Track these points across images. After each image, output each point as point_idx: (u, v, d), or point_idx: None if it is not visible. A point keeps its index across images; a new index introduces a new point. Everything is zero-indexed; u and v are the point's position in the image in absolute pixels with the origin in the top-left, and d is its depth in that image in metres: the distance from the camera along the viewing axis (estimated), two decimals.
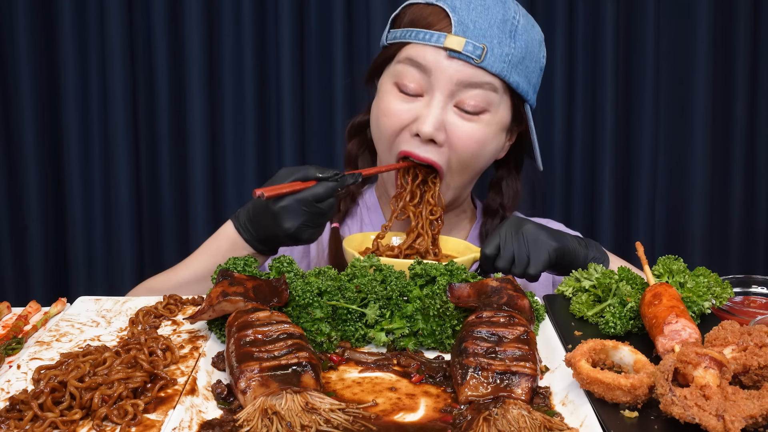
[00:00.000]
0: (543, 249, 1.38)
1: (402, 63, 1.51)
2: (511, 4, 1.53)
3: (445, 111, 1.49)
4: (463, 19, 1.47)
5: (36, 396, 0.92)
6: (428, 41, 1.48)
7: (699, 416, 0.84)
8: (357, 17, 2.42)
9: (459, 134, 1.50)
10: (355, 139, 1.71)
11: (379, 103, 1.56)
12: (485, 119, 1.51)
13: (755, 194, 2.56)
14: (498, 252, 1.40)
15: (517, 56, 1.50)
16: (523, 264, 1.38)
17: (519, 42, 1.50)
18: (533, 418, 0.90)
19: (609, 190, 2.46)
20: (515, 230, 1.41)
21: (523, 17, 1.54)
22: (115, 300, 1.33)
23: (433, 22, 1.50)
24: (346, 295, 1.16)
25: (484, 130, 1.52)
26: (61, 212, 2.50)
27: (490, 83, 1.49)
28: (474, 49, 1.46)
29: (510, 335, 1.03)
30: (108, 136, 2.42)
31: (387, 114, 1.53)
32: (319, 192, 1.35)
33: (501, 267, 1.39)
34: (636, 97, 2.47)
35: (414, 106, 1.51)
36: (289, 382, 0.94)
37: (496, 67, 1.48)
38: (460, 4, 1.49)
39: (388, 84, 1.55)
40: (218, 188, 2.49)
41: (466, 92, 1.48)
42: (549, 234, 1.41)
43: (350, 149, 1.72)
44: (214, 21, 2.41)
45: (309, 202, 1.34)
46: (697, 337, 1.03)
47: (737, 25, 2.45)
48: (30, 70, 2.40)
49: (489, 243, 1.40)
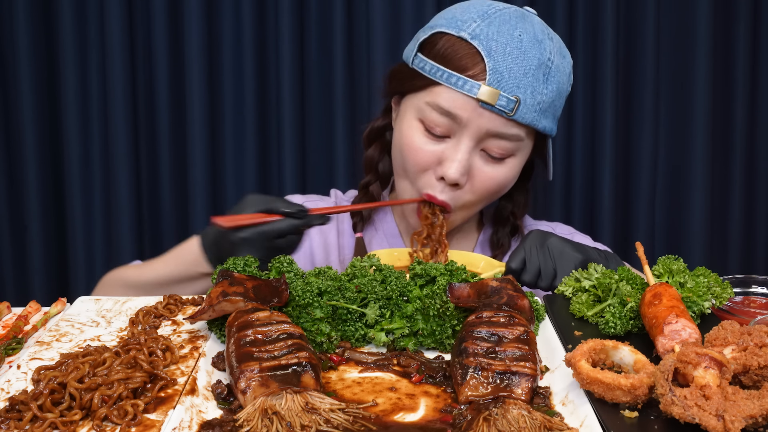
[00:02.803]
0: (569, 262, 1.37)
1: (430, 106, 1.47)
2: (547, 44, 1.47)
3: (471, 156, 1.48)
4: (498, 66, 1.42)
5: (35, 397, 0.92)
6: (460, 88, 1.43)
7: (699, 416, 0.84)
8: (357, 17, 2.42)
9: (482, 177, 1.50)
10: (376, 143, 1.68)
11: (403, 135, 1.52)
12: (510, 163, 1.51)
13: (755, 194, 2.56)
14: (523, 266, 1.39)
15: (548, 101, 1.47)
16: (550, 277, 1.38)
17: (551, 85, 1.47)
18: (533, 418, 0.90)
19: (609, 190, 2.46)
20: (540, 244, 1.40)
21: (557, 54, 1.49)
22: (115, 300, 1.33)
23: (467, 65, 1.44)
24: (346, 295, 1.16)
25: (506, 173, 1.51)
26: (61, 212, 2.50)
27: (518, 134, 1.47)
28: (507, 103, 1.42)
29: (510, 335, 1.03)
30: (108, 136, 2.42)
31: (411, 151, 1.50)
32: (282, 228, 1.34)
33: (527, 281, 1.38)
34: (636, 97, 2.47)
35: (440, 148, 1.48)
36: (289, 382, 0.94)
37: (527, 118, 1.45)
38: (496, 48, 1.43)
39: (413, 119, 1.50)
40: (218, 188, 2.49)
41: (494, 141, 1.47)
42: (573, 247, 1.41)
43: (371, 155, 1.68)
44: (214, 21, 2.41)
45: (270, 237, 1.33)
46: (697, 337, 1.03)
47: (737, 25, 2.44)
48: (30, 70, 2.40)
49: (514, 257, 1.39)
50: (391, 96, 1.61)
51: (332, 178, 2.47)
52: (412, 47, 1.54)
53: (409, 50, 1.56)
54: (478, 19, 1.47)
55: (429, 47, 1.50)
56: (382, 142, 1.68)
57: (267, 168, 2.50)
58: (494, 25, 1.45)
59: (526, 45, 1.44)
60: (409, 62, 1.54)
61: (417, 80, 1.50)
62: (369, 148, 1.69)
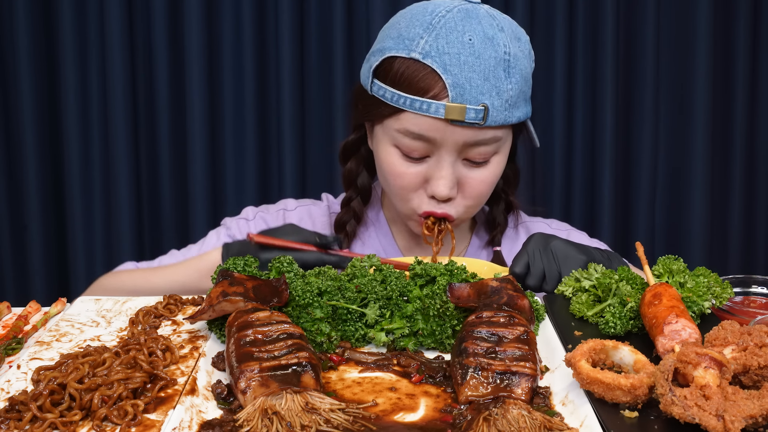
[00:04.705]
0: (574, 264, 1.36)
1: (401, 133, 1.44)
2: (499, 38, 1.42)
3: (456, 168, 1.46)
4: (457, 80, 1.39)
5: (35, 397, 0.92)
6: (426, 112, 1.40)
7: (699, 416, 0.84)
8: (357, 17, 2.42)
9: (472, 184, 1.49)
10: (352, 158, 1.65)
11: (382, 162, 1.50)
12: (494, 161, 1.50)
13: (755, 194, 2.56)
14: (527, 270, 1.37)
15: (515, 93, 1.44)
16: (555, 280, 1.36)
17: (515, 77, 1.43)
18: (533, 418, 0.90)
19: (609, 190, 2.46)
20: (543, 247, 1.39)
21: (512, 42, 1.44)
22: (115, 300, 1.33)
23: (427, 87, 1.40)
24: (346, 295, 1.16)
25: (495, 171, 1.50)
26: (61, 212, 2.50)
27: (495, 136, 1.45)
28: (476, 114, 1.40)
29: (510, 335, 1.03)
30: (108, 136, 2.43)
31: (395, 176, 1.48)
32: (310, 260, 1.35)
33: (531, 285, 1.37)
34: (636, 97, 2.48)
35: (422, 168, 1.46)
36: (289, 382, 0.94)
37: (499, 119, 1.42)
38: (450, 61, 1.39)
39: (388, 145, 1.48)
40: (218, 188, 2.49)
41: (473, 149, 1.45)
42: (577, 249, 1.40)
43: (350, 168, 1.65)
44: (214, 21, 2.41)
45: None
46: (697, 337, 1.03)
47: (737, 25, 2.45)
48: (30, 70, 2.40)
49: (518, 262, 1.38)
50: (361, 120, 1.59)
51: (332, 178, 2.47)
52: (366, 73, 1.51)
53: (364, 76, 1.52)
54: (425, 33, 1.42)
55: (384, 73, 1.46)
56: (357, 156, 1.64)
57: (267, 168, 2.50)
58: (442, 37, 1.41)
59: (479, 48, 1.40)
60: (367, 88, 1.50)
61: (382, 108, 1.47)
62: (346, 163, 1.66)
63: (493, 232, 1.70)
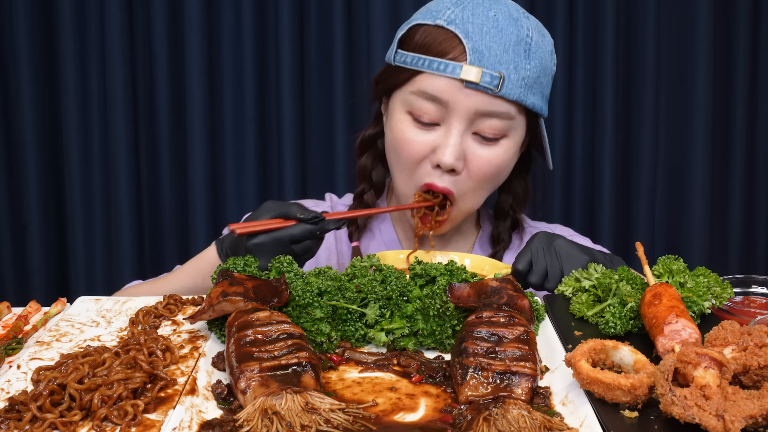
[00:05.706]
0: (576, 263, 1.36)
1: (415, 94, 1.47)
2: (523, 21, 1.48)
3: (464, 139, 1.47)
4: (477, 46, 1.43)
5: (35, 397, 0.92)
6: (443, 72, 1.44)
7: (699, 416, 0.84)
8: (357, 17, 2.42)
9: (478, 161, 1.49)
10: (368, 152, 1.68)
11: (394, 131, 1.52)
12: (504, 144, 1.50)
13: (755, 194, 2.56)
14: (530, 268, 1.38)
15: (533, 77, 1.47)
16: (557, 279, 1.37)
17: (534, 61, 1.47)
18: (533, 418, 0.90)
19: (609, 190, 2.46)
20: (547, 245, 1.39)
21: (535, 31, 1.50)
22: (115, 300, 1.33)
23: (446, 49, 1.45)
24: (346, 295, 1.16)
25: (502, 155, 1.51)
26: (61, 212, 2.50)
27: (508, 111, 1.47)
28: (491, 80, 1.43)
29: (510, 335, 1.03)
30: (108, 136, 2.43)
31: (404, 144, 1.50)
32: (295, 233, 1.34)
33: (533, 282, 1.37)
34: (636, 97, 2.47)
35: (431, 136, 1.48)
36: (289, 382, 0.94)
37: (513, 93, 1.45)
38: (473, 29, 1.44)
39: (401, 113, 1.51)
40: (218, 188, 2.49)
41: (485, 121, 1.46)
42: (580, 249, 1.40)
43: (364, 163, 1.68)
44: (214, 21, 2.41)
45: (284, 242, 1.33)
46: (697, 337, 1.03)
47: (737, 25, 2.45)
48: (30, 70, 2.40)
49: (521, 259, 1.38)
50: (379, 98, 1.62)
51: (332, 178, 2.47)
52: (392, 47, 1.56)
53: (390, 51, 1.57)
54: (452, 6, 1.48)
55: (408, 41, 1.52)
56: (374, 150, 1.67)
57: (267, 168, 2.50)
58: (468, 9, 1.47)
59: (502, 23, 1.46)
60: (391, 61, 1.55)
61: (400, 74, 1.51)
62: (361, 156, 1.69)
63: (496, 248, 1.70)
